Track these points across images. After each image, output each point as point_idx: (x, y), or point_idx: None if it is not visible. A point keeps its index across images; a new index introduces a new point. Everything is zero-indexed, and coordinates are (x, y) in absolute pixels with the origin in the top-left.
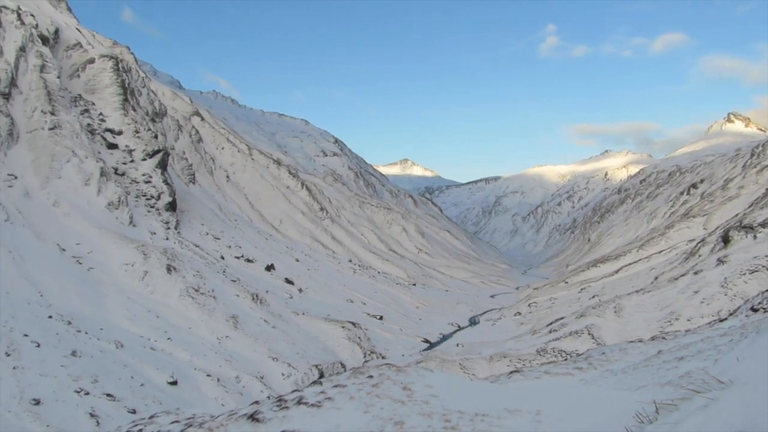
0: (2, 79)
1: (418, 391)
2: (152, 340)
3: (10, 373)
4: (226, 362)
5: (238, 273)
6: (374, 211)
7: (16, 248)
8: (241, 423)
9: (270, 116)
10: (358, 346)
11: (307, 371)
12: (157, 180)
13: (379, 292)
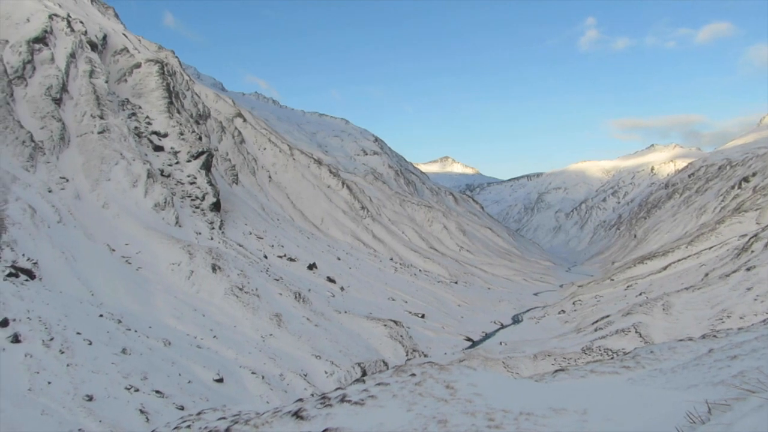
0: (54, 85)
1: (461, 390)
2: (199, 338)
3: (64, 370)
4: (271, 360)
5: (281, 272)
6: (415, 209)
7: (69, 249)
8: (285, 420)
9: (311, 116)
10: (401, 345)
11: (349, 369)
12: (202, 181)
13: (421, 290)
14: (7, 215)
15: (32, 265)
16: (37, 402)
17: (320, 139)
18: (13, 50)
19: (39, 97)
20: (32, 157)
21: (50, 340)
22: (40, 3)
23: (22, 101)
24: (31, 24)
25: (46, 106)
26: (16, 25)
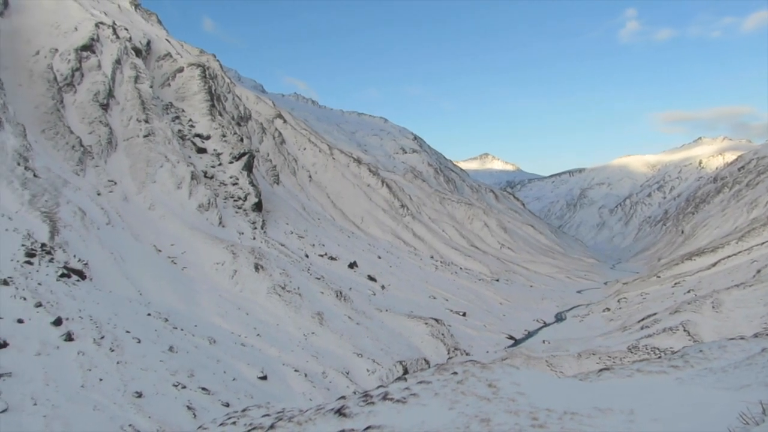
0: (101, 91)
1: (504, 389)
2: (243, 336)
3: (115, 367)
4: (313, 358)
5: (322, 271)
6: (455, 207)
7: (117, 249)
8: (328, 417)
9: (349, 116)
10: (442, 343)
11: (391, 367)
12: (244, 182)
13: (462, 288)
14: (59, 218)
15: (83, 266)
16: (90, 398)
17: (359, 138)
18: (62, 58)
19: (87, 102)
20: (81, 161)
21: (101, 339)
22: (86, 12)
23: (71, 107)
24: (79, 32)
25: (93, 111)
26: (65, 33)
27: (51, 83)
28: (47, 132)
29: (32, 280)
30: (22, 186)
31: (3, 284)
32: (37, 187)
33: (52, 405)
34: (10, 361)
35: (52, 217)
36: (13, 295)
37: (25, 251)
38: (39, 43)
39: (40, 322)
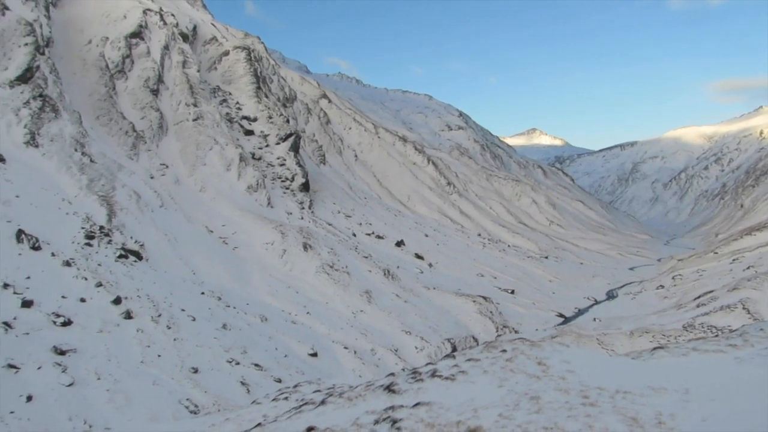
0: (151, 77)
1: (553, 367)
2: (293, 314)
3: (172, 344)
4: (362, 335)
5: (370, 249)
6: (502, 184)
7: (171, 231)
8: (378, 394)
9: (394, 94)
10: (490, 321)
11: (439, 345)
12: (291, 162)
13: (510, 265)
14: (116, 201)
15: (139, 247)
16: (149, 373)
17: (404, 116)
18: (112, 46)
19: (138, 89)
20: (135, 146)
21: (158, 317)
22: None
23: (123, 94)
24: (128, 20)
25: (144, 97)
26: (114, 22)
27: (103, 71)
28: (101, 118)
29: (92, 261)
30: (80, 171)
31: (65, 265)
32: (94, 171)
33: (114, 380)
34: (74, 338)
35: (109, 200)
36: (75, 275)
37: (85, 233)
38: (91, 32)
39: (101, 301)
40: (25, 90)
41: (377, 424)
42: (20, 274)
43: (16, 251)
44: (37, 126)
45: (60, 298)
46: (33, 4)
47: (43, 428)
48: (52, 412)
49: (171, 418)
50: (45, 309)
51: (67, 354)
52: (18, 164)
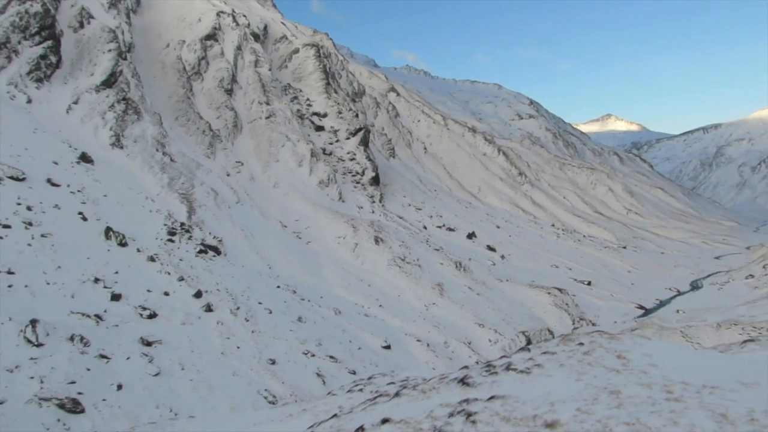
0: (225, 78)
1: (634, 360)
2: (366, 307)
3: (250, 336)
4: (434, 328)
5: (441, 242)
6: (576, 173)
7: (247, 226)
8: (452, 386)
9: (462, 84)
10: (566, 313)
11: (513, 338)
12: (361, 157)
13: (586, 256)
14: (195, 198)
15: (218, 242)
16: (229, 364)
17: (473, 106)
18: (189, 49)
19: (213, 89)
20: (211, 144)
21: (237, 309)
22: (208, 2)
23: (199, 94)
24: (203, 23)
25: (219, 97)
26: (190, 25)
27: (181, 73)
28: (180, 119)
29: (174, 257)
30: (161, 170)
31: (150, 260)
32: (174, 170)
33: (197, 370)
34: (159, 330)
35: (188, 197)
36: (159, 270)
37: (167, 230)
38: (168, 36)
39: (183, 295)
40: (109, 94)
41: (452, 417)
42: (109, 269)
43: (105, 247)
44: (122, 128)
45: (146, 291)
46: (115, 11)
47: (132, 415)
48: (141, 401)
49: (250, 408)
50: (132, 302)
51: (153, 345)
52: (105, 165)
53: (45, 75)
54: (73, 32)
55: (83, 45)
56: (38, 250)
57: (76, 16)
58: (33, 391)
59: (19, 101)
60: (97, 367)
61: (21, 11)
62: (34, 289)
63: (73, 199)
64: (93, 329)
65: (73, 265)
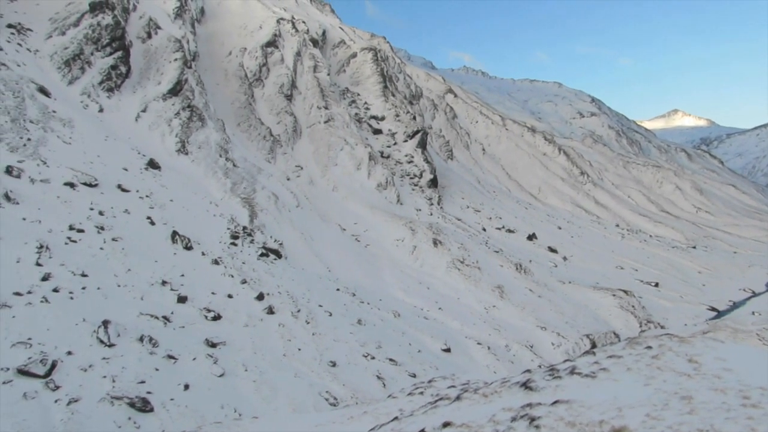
0: (285, 83)
1: (706, 364)
2: (425, 309)
3: (311, 338)
4: (495, 331)
5: (500, 244)
6: (641, 171)
7: (307, 230)
8: (514, 390)
9: (521, 84)
10: (632, 315)
11: (577, 341)
12: (419, 159)
13: (653, 257)
14: (256, 203)
15: (278, 246)
16: (291, 366)
17: (532, 106)
18: (250, 56)
19: (274, 95)
20: (272, 149)
21: (298, 312)
22: (269, 10)
23: (260, 100)
24: (263, 30)
25: (280, 102)
26: (251, 33)
27: (242, 80)
28: (242, 125)
29: (237, 260)
30: (224, 175)
31: (214, 263)
32: (237, 175)
33: (260, 371)
34: (224, 332)
35: (250, 202)
36: (222, 273)
37: (230, 234)
38: (231, 44)
39: (246, 297)
40: (175, 102)
41: (514, 421)
42: (176, 272)
43: (172, 251)
44: (187, 135)
45: (210, 294)
46: (180, 22)
47: (198, 415)
48: (206, 401)
49: (312, 409)
50: (197, 304)
51: (218, 346)
52: (171, 171)
53: (115, 84)
54: (142, 43)
55: (151, 55)
56: (110, 254)
57: (144, 27)
58: (105, 389)
59: (92, 110)
60: (165, 367)
61: (93, 24)
62: (106, 291)
63: (141, 204)
64: (161, 330)
65: (142, 268)
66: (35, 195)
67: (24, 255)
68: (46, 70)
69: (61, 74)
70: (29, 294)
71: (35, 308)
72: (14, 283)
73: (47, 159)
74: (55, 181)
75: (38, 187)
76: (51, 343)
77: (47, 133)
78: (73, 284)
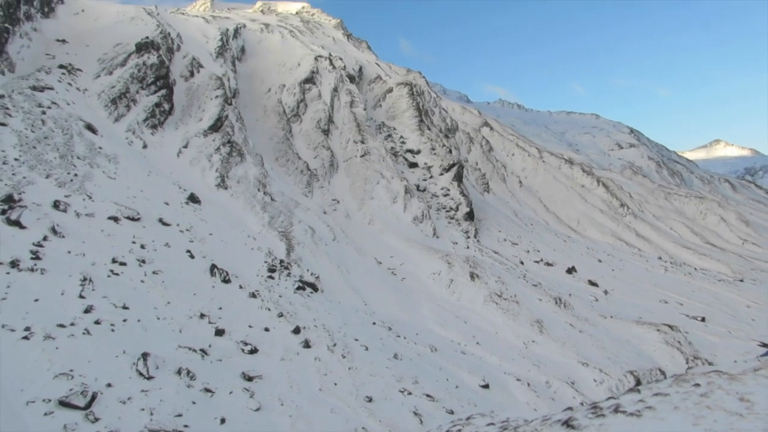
0: (322, 119)
1: (760, 403)
2: (462, 344)
3: (347, 373)
4: (535, 367)
5: (539, 277)
6: (683, 202)
7: (343, 263)
8: (555, 429)
9: (558, 116)
10: (678, 351)
11: (621, 378)
12: (455, 192)
13: (698, 290)
14: (294, 236)
15: (315, 279)
16: (327, 401)
17: (570, 138)
18: (288, 92)
19: (311, 130)
20: (309, 183)
21: (334, 346)
22: (307, 48)
23: (298, 135)
24: (301, 67)
25: (317, 137)
26: (290, 70)
27: (281, 115)
28: (279, 159)
29: (274, 293)
30: (262, 209)
31: (251, 297)
32: (274, 209)
33: (296, 406)
34: (260, 365)
35: (287, 235)
36: (259, 306)
37: (268, 267)
38: (270, 81)
39: (283, 331)
40: (216, 138)
41: None
42: (214, 305)
43: (210, 284)
44: (226, 169)
45: (247, 327)
46: (222, 60)
47: None
48: None
49: None
50: (235, 337)
51: (254, 380)
52: (211, 205)
53: (159, 121)
54: (185, 81)
55: (193, 92)
56: (150, 287)
57: (187, 66)
58: (143, 422)
59: (136, 146)
60: (201, 400)
61: (139, 63)
62: (145, 324)
63: (181, 237)
64: (198, 363)
65: (181, 300)
66: (80, 229)
67: (68, 287)
68: (94, 108)
69: (108, 112)
70: (72, 326)
71: (77, 340)
72: (58, 315)
73: (93, 194)
74: (100, 215)
75: (83, 221)
76: (92, 375)
77: (93, 168)
78: (114, 316)
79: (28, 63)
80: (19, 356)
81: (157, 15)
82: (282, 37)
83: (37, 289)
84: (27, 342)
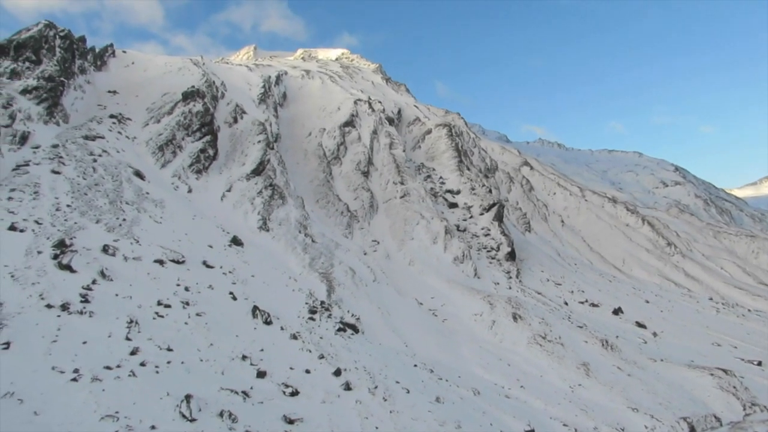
0: (362, 161)
1: None
2: (506, 387)
3: (388, 416)
4: (582, 411)
5: (584, 318)
6: (734, 241)
7: (384, 304)
8: None
9: (599, 154)
10: (734, 397)
11: (673, 424)
12: (495, 232)
13: (753, 333)
14: (334, 277)
15: (355, 320)
16: None
17: (612, 176)
18: (329, 136)
19: (351, 172)
20: (349, 225)
21: (375, 388)
22: (347, 92)
23: (338, 177)
24: (341, 111)
25: (357, 179)
26: (330, 114)
27: (321, 158)
28: (320, 201)
29: (315, 334)
30: (303, 251)
31: (293, 338)
32: (315, 251)
33: None
34: (301, 408)
35: (328, 277)
36: (300, 348)
37: (308, 308)
38: (310, 125)
39: (323, 373)
40: (258, 181)
41: None
42: (255, 347)
43: (252, 326)
44: (268, 212)
45: (288, 369)
46: (264, 106)
47: None
48: None
49: None
50: (276, 379)
51: (295, 423)
52: (253, 247)
53: (204, 167)
54: (228, 127)
55: (236, 138)
56: (194, 328)
57: (231, 113)
58: None
59: (182, 191)
60: None
61: (185, 111)
62: (189, 366)
63: (224, 279)
64: (240, 405)
65: (224, 342)
66: (127, 272)
67: (115, 329)
68: (142, 155)
69: (155, 158)
70: (118, 368)
71: (123, 382)
72: (105, 357)
73: (140, 238)
74: (146, 258)
75: (130, 265)
76: (136, 417)
77: (141, 213)
78: (159, 358)
79: (82, 113)
80: (67, 398)
81: (202, 65)
82: (322, 83)
83: (85, 331)
84: (75, 384)
